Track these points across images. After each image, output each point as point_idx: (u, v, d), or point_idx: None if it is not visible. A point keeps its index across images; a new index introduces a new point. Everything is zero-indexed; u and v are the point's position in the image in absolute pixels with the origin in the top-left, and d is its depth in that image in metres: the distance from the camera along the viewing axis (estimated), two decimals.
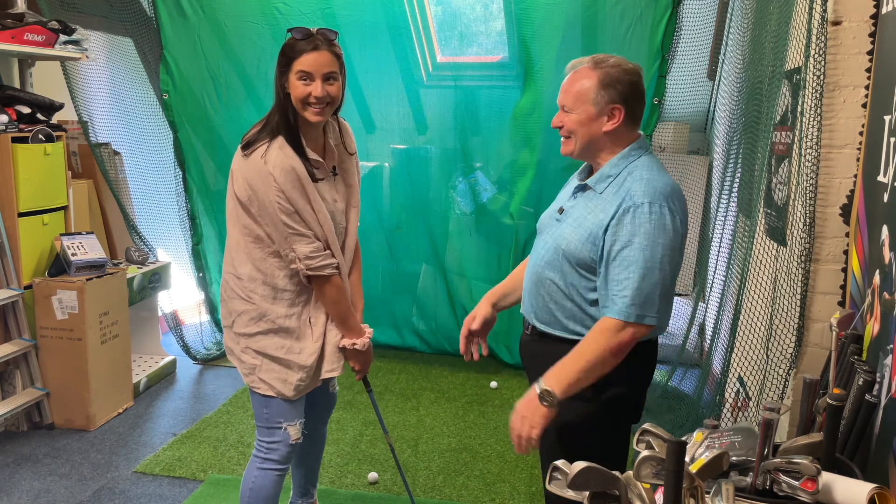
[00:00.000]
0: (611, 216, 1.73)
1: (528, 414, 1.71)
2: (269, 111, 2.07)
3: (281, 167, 1.96)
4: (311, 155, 2.04)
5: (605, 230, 1.73)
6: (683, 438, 1.37)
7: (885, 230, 1.82)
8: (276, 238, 2.02)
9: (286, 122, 2.01)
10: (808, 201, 2.23)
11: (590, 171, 1.94)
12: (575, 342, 1.82)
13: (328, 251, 2.08)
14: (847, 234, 2.24)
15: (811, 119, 2.23)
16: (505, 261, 4.28)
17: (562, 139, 1.85)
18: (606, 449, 1.81)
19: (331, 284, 2.08)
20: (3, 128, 3.25)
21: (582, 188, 1.87)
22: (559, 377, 1.70)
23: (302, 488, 2.57)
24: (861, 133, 2.20)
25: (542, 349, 1.90)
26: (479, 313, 2.08)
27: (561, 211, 1.90)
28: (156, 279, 4.11)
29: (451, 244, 4.37)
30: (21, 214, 3.30)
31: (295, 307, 2.10)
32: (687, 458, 1.29)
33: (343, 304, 2.13)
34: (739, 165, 3.28)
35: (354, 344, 2.16)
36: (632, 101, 1.77)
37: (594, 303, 1.81)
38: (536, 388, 1.71)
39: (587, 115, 1.77)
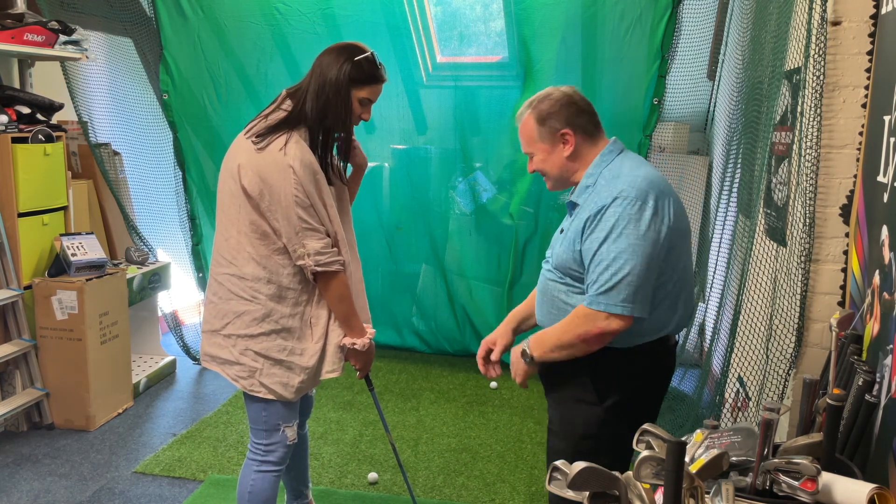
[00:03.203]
0: (585, 219, 1.82)
1: (514, 365, 1.97)
2: (294, 103, 2.05)
3: (301, 160, 1.97)
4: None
5: (582, 232, 1.82)
6: (683, 438, 1.37)
7: (884, 230, 1.82)
8: (285, 233, 2.00)
9: (341, 125, 2.06)
10: (808, 201, 2.23)
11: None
12: None
13: (336, 248, 2.08)
14: (847, 235, 2.24)
15: (811, 119, 2.23)
16: (505, 261, 4.29)
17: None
18: (608, 456, 1.83)
19: (337, 281, 2.08)
20: (3, 128, 3.25)
21: (572, 206, 1.95)
22: (538, 344, 1.89)
23: (295, 490, 2.57)
24: (861, 133, 2.20)
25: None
26: (501, 342, 2.16)
27: (562, 231, 1.99)
28: (156, 279, 4.11)
29: (451, 244, 4.37)
30: (21, 215, 3.30)
31: (298, 307, 2.10)
32: (687, 458, 1.29)
33: (347, 302, 2.12)
34: (739, 165, 3.28)
35: (354, 344, 2.16)
36: (575, 119, 1.89)
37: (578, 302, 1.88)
38: (523, 345, 1.94)
39: (545, 152, 1.93)
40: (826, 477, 1.37)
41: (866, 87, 2.18)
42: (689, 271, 1.92)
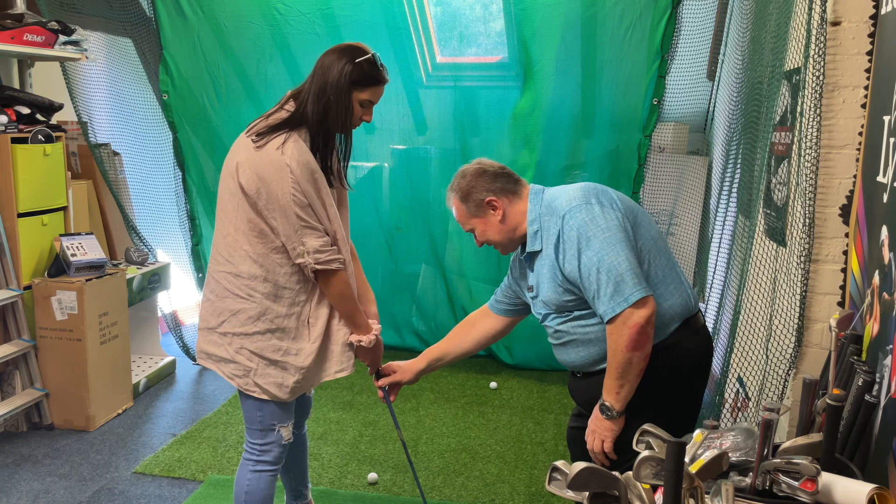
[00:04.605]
0: (553, 252, 1.90)
1: (595, 428, 1.92)
2: (297, 105, 2.05)
3: (298, 160, 1.97)
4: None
5: (556, 263, 1.90)
6: (683, 438, 1.37)
7: (884, 230, 1.82)
8: (283, 231, 2.00)
9: (342, 128, 2.08)
10: (807, 202, 2.23)
11: (523, 245, 2.07)
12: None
13: (335, 247, 2.08)
14: (847, 235, 2.24)
15: (811, 119, 2.23)
16: (504, 261, 4.29)
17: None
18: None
19: (338, 279, 2.08)
20: (3, 128, 3.25)
21: (530, 259, 2.01)
22: (608, 392, 1.86)
23: (294, 491, 2.56)
24: (860, 133, 2.20)
25: (591, 384, 2.01)
26: (397, 377, 2.29)
27: (531, 289, 2.04)
28: (155, 280, 4.11)
29: (450, 244, 4.37)
30: (21, 215, 3.30)
31: (295, 306, 2.09)
32: (687, 459, 1.29)
33: (349, 300, 2.12)
34: (739, 166, 3.28)
35: (360, 341, 2.16)
36: (493, 185, 2.00)
37: (595, 324, 1.93)
38: (595, 412, 1.90)
39: (482, 224, 2.04)
40: (826, 477, 1.37)
41: (866, 88, 2.18)
42: (664, 240, 2.00)
